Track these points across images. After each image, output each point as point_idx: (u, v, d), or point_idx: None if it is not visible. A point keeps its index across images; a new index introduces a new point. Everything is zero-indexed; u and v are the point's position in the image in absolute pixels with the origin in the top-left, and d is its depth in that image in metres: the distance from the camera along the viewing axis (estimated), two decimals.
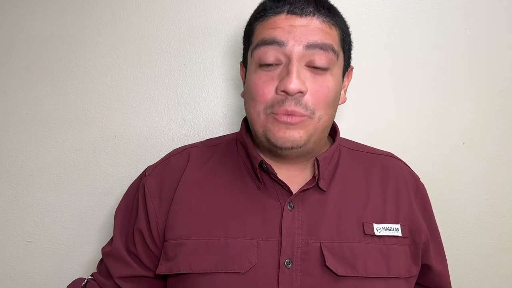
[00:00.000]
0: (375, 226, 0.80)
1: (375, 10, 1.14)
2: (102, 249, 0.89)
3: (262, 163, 0.81)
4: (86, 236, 1.16)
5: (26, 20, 1.15)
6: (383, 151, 0.94)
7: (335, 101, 0.80)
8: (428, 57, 1.15)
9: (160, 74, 1.14)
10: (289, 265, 0.75)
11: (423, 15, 1.14)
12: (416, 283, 0.87)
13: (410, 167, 0.92)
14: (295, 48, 0.75)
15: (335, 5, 0.82)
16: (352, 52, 0.86)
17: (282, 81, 0.74)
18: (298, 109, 0.74)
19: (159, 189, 0.85)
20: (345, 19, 0.84)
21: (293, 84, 0.73)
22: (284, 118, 0.75)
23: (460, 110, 1.15)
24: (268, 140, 0.78)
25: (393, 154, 0.93)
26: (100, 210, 1.15)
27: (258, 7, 0.83)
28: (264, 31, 0.78)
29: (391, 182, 0.86)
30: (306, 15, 0.76)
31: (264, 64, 0.77)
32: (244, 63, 0.86)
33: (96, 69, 1.14)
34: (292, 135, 0.76)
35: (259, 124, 0.78)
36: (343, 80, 0.84)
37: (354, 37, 0.86)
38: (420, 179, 0.91)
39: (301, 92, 0.74)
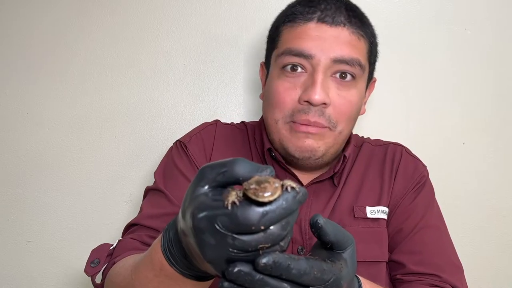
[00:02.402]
0: (368, 209, 0.80)
1: (375, 10, 1.14)
2: (141, 219, 0.79)
3: (270, 150, 0.81)
4: (86, 236, 1.15)
5: (26, 21, 1.15)
6: (393, 142, 0.92)
7: (357, 114, 0.80)
8: (428, 57, 1.14)
9: (160, 74, 1.14)
10: (302, 252, 0.76)
11: (423, 15, 1.14)
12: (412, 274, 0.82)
13: (416, 155, 0.90)
14: (322, 60, 0.74)
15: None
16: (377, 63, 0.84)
17: (306, 91, 0.74)
18: (321, 120, 0.74)
19: (203, 154, 0.83)
20: (374, 30, 0.82)
21: (317, 95, 0.72)
22: (303, 128, 0.75)
23: (460, 110, 1.15)
24: (285, 149, 0.78)
25: (397, 143, 0.91)
26: (100, 210, 1.15)
27: (287, 10, 0.81)
28: (291, 39, 0.76)
29: (387, 167, 0.85)
30: (336, 25, 0.75)
31: (289, 68, 0.75)
32: (266, 65, 0.85)
33: (96, 69, 1.14)
34: (310, 144, 0.76)
35: (276, 131, 0.78)
36: (365, 92, 0.83)
37: None
38: (425, 167, 0.88)
39: (324, 104, 0.74)
